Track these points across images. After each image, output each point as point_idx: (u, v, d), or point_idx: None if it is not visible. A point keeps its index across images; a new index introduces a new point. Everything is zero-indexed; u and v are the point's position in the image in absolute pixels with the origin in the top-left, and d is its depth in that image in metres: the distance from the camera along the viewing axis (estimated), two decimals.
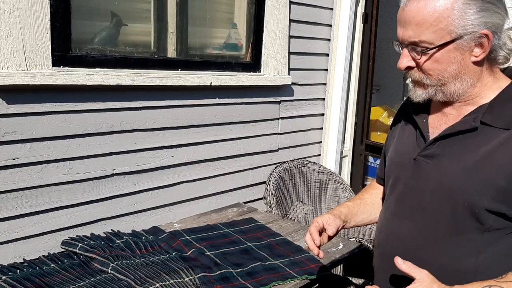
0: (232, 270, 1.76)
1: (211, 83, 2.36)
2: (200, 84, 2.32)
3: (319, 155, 3.21)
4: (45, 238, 1.94)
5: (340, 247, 2.08)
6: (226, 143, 2.56)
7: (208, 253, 1.89)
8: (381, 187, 1.46)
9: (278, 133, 2.86)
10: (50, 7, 1.81)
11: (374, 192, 1.49)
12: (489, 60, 1.11)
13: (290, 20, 2.77)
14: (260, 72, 2.68)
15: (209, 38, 2.63)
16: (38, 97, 1.83)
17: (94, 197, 2.06)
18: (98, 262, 1.72)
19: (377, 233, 1.37)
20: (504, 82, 1.14)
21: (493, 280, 1.06)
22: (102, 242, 1.89)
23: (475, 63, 1.09)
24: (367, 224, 1.48)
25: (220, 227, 2.19)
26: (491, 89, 1.13)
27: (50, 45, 1.83)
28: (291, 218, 2.68)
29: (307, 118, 3.06)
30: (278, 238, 2.11)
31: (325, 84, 3.12)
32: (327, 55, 3.09)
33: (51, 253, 1.83)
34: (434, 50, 1.07)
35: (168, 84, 2.18)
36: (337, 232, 1.32)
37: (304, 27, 2.89)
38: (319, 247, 1.25)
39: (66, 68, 1.90)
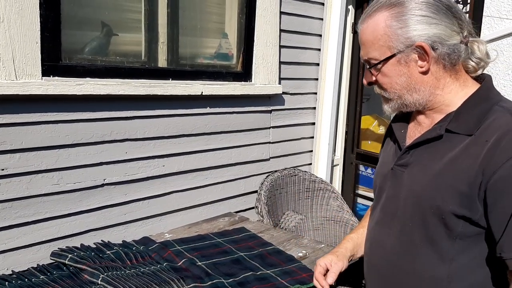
0: (224, 280, 1.75)
1: (202, 92, 2.36)
2: (191, 94, 2.32)
3: (310, 164, 3.21)
4: (34, 249, 1.92)
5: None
6: (217, 152, 2.56)
7: (199, 263, 1.88)
8: None
9: (269, 142, 2.86)
10: (40, 17, 1.81)
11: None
12: (451, 68, 1.15)
13: (281, 30, 2.79)
14: (251, 81, 2.69)
15: (200, 48, 2.64)
16: (27, 107, 1.82)
17: (84, 207, 2.04)
18: (88, 274, 1.70)
19: (365, 242, 1.40)
20: (471, 88, 1.18)
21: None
22: (92, 253, 1.87)
23: (423, 73, 1.15)
24: None
25: (212, 237, 2.18)
26: (457, 96, 1.17)
27: (40, 55, 1.82)
28: (282, 227, 2.67)
29: (298, 127, 3.07)
30: (269, 247, 2.10)
31: (315, 93, 3.14)
32: (318, 64, 3.11)
33: (41, 264, 1.81)
34: (380, 65, 1.16)
35: (159, 93, 2.18)
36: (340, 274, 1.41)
37: (294, 37, 2.91)
38: None
39: (56, 78, 1.89)
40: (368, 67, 1.21)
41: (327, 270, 1.42)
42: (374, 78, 1.21)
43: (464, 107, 1.15)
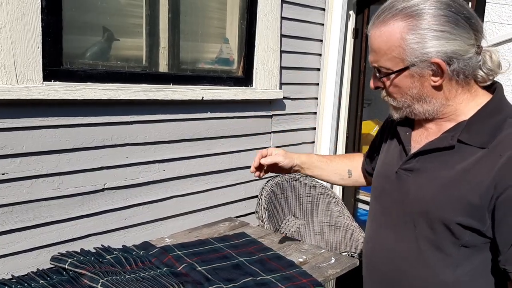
0: (224, 286, 1.75)
1: (203, 97, 2.36)
2: (192, 99, 2.33)
3: None
4: (34, 254, 1.92)
5: (332, 261, 2.07)
6: (218, 157, 2.56)
7: (199, 268, 1.88)
8: (357, 161, 1.63)
9: (270, 147, 2.85)
10: (42, 21, 1.82)
11: (345, 161, 1.65)
12: (463, 80, 1.12)
13: (282, 35, 2.80)
14: (252, 86, 2.69)
15: (201, 53, 2.64)
16: (28, 111, 1.82)
17: (84, 212, 2.04)
18: (88, 278, 1.70)
19: (365, 243, 1.40)
20: (482, 98, 1.16)
21: None
22: (92, 258, 1.87)
23: (436, 87, 1.12)
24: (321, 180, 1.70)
25: (212, 242, 2.17)
26: (468, 106, 1.15)
27: (41, 59, 1.83)
28: (283, 233, 2.67)
29: (299, 132, 3.07)
30: (270, 252, 2.10)
31: (316, 98, 3.14)
32: (318, 69, 3.12)
33: (40, 269, 1.81)
34: (393, 76, 1.13)
35: (159, 98, 2.18)
36: (279, 168, 1.59)
37: (295, 42, 2.91)
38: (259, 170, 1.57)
39: (57, 82, 1.90)
40: (378, 75, 1.17)
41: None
42: (381, 85, 1.19)
43: (476, 118, 1.13)
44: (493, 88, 1.18)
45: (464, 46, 1.07)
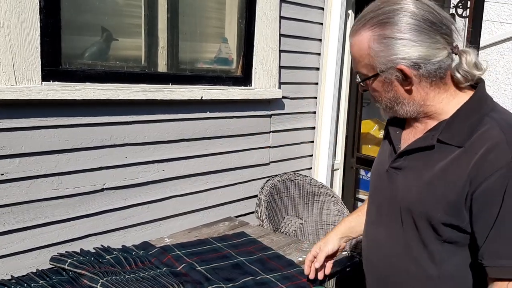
0: (223, 285, 1.75)
1: (202, 97, 2.36)
2: (191, 98, 2.32)
3: (311, 168, 3.21)
4: (33, 254, 1.92)
5: (332, 260, 2.06)
6: (217, 157, 2.56)
7: (199, 268, 1.87)
8: None
9: (269, 147, 2.86)
10: (40, 22, 1.81)
11: None
12: (439, 81, 1.17)
13: (281, 35, 2.80)
14: (251, 86, 2.69)
15: (199, 53, 2.64)
16: (27, 111, 1.82)
17: (83, 212, 2.04)
18: (87, 279, 1.69)
19: (362, 239, 1.45)
20: (464, 97, 1.19)
21: None
22: (92, 258, 1.87)
23: (408, 91, 1.18)
24: None
25: (211, 242, 2.17)
26: (449, 105, 1.19)
27: (40, 59, 1.82)
28: (283, 232, 2.66)
29: (298, 131, 3.07)
30: (269, 252, 2.10)
31: (315, 97, 3.14)
32: (318, 69, 3.11)
33: (40, 269, 1.81)
34: (369, 81, 1.20)
35: (158, 98, 2.18)
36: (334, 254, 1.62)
37: (294, 41, 2.91)
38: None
39: (56, 82, 1.89)
40: (358, 80, 1.25)
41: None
42: (365, 88, 1.26)
43: (455, 117, 1.17)
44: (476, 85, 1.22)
45: (429, 51, 1.11)
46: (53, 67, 1.89)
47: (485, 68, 1.17)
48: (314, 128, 3.17)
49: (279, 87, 2.83)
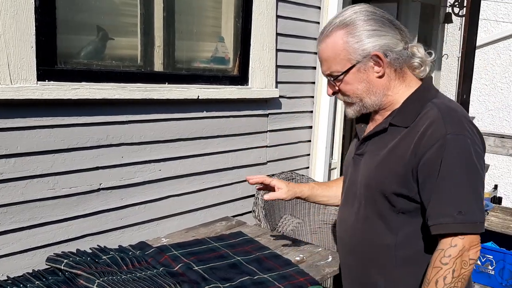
0: (221, 285, 1.74)
1: (198, 96, 2.36)
2: (188, 98, 2.32)
3: (308, 167, 3.21)
4: (29, 254, 1.91)
5: (329, 260, 2.07)
6: (214, 156, 2.55)
7: (196, 268, 1.87)
8: None
9: (266, 146, 2.86)
10: (36, 21, 1.81)
11: (341, 183, 1.76)
12: (400, 71, 1.36)
13: (277, 34, 2.79)
14: (248, 85, 2.68)
15: (196, 52, 2.63)
16: (23, 111, 1.81)
17: (80, 212, 2.03)
18: (84, 279, 1.69)
19: (336, 223, 1.62)
20: (413, 89, 1.39)
21: None
22: (88, 258, 1.86)
23: (379, 77, 1.35)
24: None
25: (209, 241, 2.17)
26: (402, 96, 1.38)
27: (35, 59, 1.82)
28: (280, 232, 2.66)
29: (295, 130, 3.06)
30: (267, 251, 2.09)
31: (312, 97, 3.14)
32: (314, 68, 3.11)
33: (36, 270, 1.80)
34: (342, 76, 1.37)
35: (155, 97, 2.17)
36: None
37: (291, 40, 2.91)
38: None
39: (52, 82, 1.89)
40: (332, 79, 1.40)
41: (268, 187, 1.78)
42: (337, 88, 1.41)
43: (404, 105, 1.37)
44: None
45: (393, 40, 1.32)
46: (48, 67, 1.88)
47: (434, 55, 1.41)
48: (311, 127, 3.17)
49: (276, 86, 2.82)
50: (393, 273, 1.38)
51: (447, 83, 5.99)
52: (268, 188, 1.79)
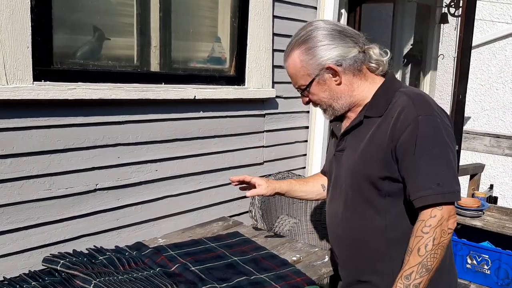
0: (217, 286, 1.74)
1: (195, 96, 2.36)
2: (184, 98, 2.32)
3: (304, 167, 3.21)
4: (26, 255, 1.90)
5: (326, 260, 2.07)
6: (210, 156, 2.55)
7: (193, 268, 1.87)
8: (324, 177, 1.87)
9: (263, 146, 2.86)
10: (32, 21, 1.80)
11: (318, 179, 1.94)
12: (359, 73, 1.49)
13: (274, 34, 2.79)
14: (244, 85, 2.68)
15: (192, 52, 2.63)
16: (18, 111, 1.81)
17: (76, 213, 2.03)
18: (80, 279, 1.68)
19: (326, 216, 1.70)
20: (378, 84, 1.52)
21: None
22: (85, 259, 1.86)
23: (339, 84, 1.50)
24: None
25: (205, 242, 2.17)
26: (369, 91, 1.51)
27: (31, 59, 1.81)
28: (277, 232, 2.66)
29: (292, 131, 3.07)
30: (263, 252, 2.10)
31: None
32: None
33: (32, 270, 1.80)
34: (308, 88, 1.52)
35: (151, 98, 2.17)
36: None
37: (287, 40, 2.84)
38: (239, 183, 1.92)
39: (48, 82, 1.88)
40: (301, 92, 1.55)
41: (249, 185, 1.92)
42: (307, 99, 1.56)
43: (374, 97, 1.50)
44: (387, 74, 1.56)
45: (344, 49, 1.46)
46: (44, 67, 1.88)
47: (389, 54, 1.54)
48: (307, 127, 3.17)
49: (273, 87, 2.82)
50: (388, 255, 1.48)
51: (443, 83, 6.01)
52: (250, 186, 1.92)
